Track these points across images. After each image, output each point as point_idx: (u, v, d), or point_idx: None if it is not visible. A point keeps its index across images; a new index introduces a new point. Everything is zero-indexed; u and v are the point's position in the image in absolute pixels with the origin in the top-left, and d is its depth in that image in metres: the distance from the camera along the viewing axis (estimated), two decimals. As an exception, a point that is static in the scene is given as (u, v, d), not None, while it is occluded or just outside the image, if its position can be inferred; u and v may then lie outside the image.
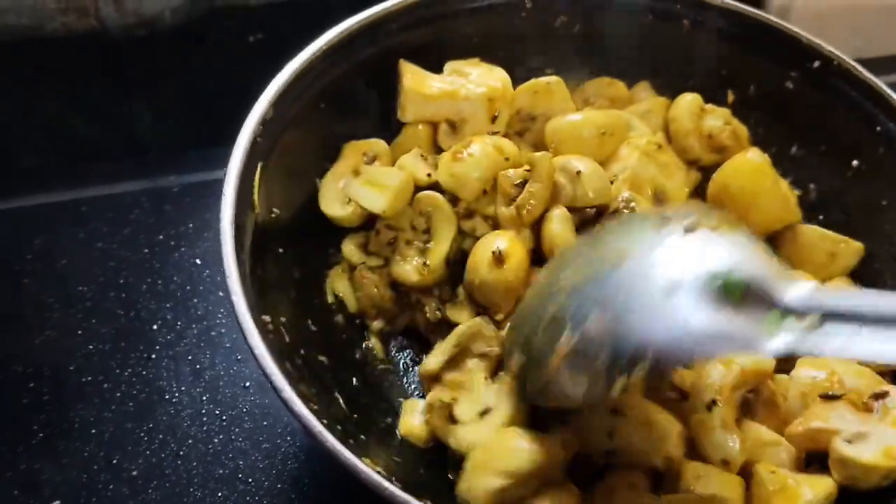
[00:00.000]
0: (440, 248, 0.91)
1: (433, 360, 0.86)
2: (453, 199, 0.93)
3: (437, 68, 0.99)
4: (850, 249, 0.94)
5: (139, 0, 1.17)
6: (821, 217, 0.98)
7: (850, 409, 0.78)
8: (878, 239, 0.94)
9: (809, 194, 1.00)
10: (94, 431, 0.93)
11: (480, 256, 0.88)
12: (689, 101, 1.00)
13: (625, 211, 0.89)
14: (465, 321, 0.89)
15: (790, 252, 0.95)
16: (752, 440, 0.80)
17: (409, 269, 0.92)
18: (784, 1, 1.32)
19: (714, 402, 0.80)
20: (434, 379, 0.86)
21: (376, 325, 0.94)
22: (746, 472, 0.79)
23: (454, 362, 0.86)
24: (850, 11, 1.35)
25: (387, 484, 0.65)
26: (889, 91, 0.94)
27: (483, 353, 0.86)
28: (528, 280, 0.88)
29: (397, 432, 0.87)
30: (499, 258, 0.87)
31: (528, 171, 0.91)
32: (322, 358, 0.87)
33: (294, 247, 0.90)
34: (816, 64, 0.97)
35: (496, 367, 0.86)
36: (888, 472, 0.75)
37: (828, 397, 0.79)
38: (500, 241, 0.88)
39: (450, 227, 0.92)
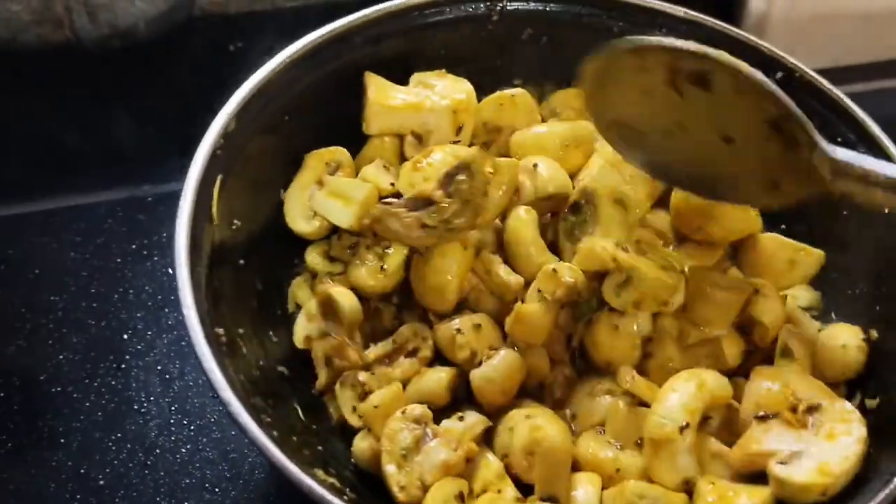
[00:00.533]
0: (399, 253, 0.91)
1: (370, 351, 0.89)
2: (414, 208, 0.94)
3: (404, 80, 1.00)
4: (811, 257, 0.94)
5: (113, 11, 1.17)
6: (783, 227, 0.98)
7: (786, 426, 0.77)
8: (839, 248, 0.94)
9: (772, 204, 1.00)
10: (62, 441, 0.93)
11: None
12: (651, 112, 1.00)
13: (583, 202, 0.90)
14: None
15: (750, 260, 0.94)
16: (701, 452, 0.80)
17: (365, 272, 0.92)
18: (761, 10, 1.33)
19: (687, 425, 0.78)
20: (365, 368, 0.88)
21: (339, 333, 0.95)
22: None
23: (389, 358, 0.89)
24: (828, 20, 1.35)
25: (330, 496, 0.66)
26: (849, 102, 0.94)
27: (413, 351, 0.89)
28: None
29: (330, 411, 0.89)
30: None
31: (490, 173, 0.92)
32: (281, 369, 0.88)
33: (257, 258, 0.90)
34: (779, 75, 0.97)
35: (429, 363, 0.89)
36: (824, 488, 0.74)
37: (761, 418, 0.79)
38: None
39: (410, 233, 0.93)
